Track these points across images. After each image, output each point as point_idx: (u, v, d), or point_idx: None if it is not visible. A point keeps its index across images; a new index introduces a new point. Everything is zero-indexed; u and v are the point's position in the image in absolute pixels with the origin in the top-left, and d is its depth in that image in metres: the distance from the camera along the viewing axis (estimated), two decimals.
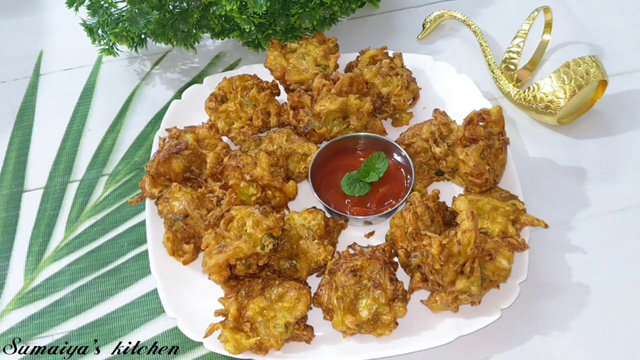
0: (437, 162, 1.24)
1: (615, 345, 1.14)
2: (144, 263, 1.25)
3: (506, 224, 1.14)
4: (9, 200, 1.34)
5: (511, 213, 1.16)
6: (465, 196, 1.17)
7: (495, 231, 1.14)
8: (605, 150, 1.35)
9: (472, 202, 1.17)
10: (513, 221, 1.16)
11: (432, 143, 1.23)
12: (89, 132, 1.43)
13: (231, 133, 1.30)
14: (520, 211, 1.17)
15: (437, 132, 1.23)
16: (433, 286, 1.10)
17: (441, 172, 1.25)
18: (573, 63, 1.30)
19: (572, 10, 1.56)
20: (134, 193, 1.33)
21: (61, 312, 1.21)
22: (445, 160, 1.22)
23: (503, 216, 1.15)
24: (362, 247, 1.15)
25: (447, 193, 1.24)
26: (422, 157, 1.25)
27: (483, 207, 1.17)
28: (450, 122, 1.24)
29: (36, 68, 1.54)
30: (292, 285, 1.11)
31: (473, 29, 1.47)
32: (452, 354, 1.13)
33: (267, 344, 1.08)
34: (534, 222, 1.16)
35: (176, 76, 1.50)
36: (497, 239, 1.12)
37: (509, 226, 1.14)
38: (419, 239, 1.11)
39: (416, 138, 1.25)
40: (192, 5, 1.38)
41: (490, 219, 1.15)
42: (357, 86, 1.28)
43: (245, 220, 1.11)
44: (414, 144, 1.25)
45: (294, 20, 1.39)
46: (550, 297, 1.18)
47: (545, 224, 1.16)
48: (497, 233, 1.13)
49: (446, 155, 1.22)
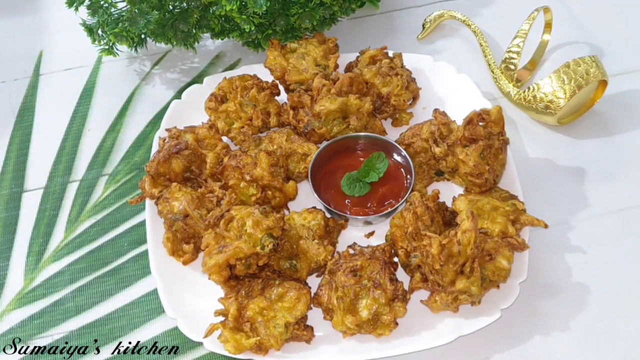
0: (437, 162, 1.24)
1: (615, 345, 1.14)
2: (144, 263, 1.25)
3: (506, 224, 1.14)
4: (9, 201, 1.34)
5: (511, 213, 1.16)
6: (465, 196, 1.17)
7: (495, 231, 1.13)
8: (605, 150, 1.35)
9: (472, 202, 1.17)
10: (513, 221, 1.15)
11: (432, 143, 1.23)
12: (89, 132, 1.43)
13: (231, 133, 1.30)
14: (520, 211, 1.17)
15: (437, 132, 1.23)
16: (433, 286, 1.10)
17: (441, 172, 1.25)
18: (573, 63, 1.30)
19: (572, 10, 1.56)
20: (134, 193, 1.33)
21: (61, 312, 1.21)
22: (445, 160, 1.22)
23: (503, 216, 1.15)
24: (362, 247, 1.15)
25: (447, 193, 1.23)
26: (422, 157, 1.25)
27: (483, 207, 1.16)
28: (450, 122, 1.24)
29: (36, 68, 1.54)
30: (292, 285, 1.10)
31: (473, 29, 1.47)
32: (452, 354, 1.13)
33: (267, 344, 1.08)
34: (534, 222, 1.16)
35: (176, 76, 1.50)
36: (497, 239, 1.12)
37: (509, 226, 1.14)
38: (419, 239, 1.11)
39: (416, 138, 1.25)
40: (192, 5, 1.38)
41: (490, 219, 1.15)
42: (357, 86, 1.28)
43: (245, 220, 1.11)
44: (414, 144, 1.25)
45: (293, 20, 1.39)
46: (550, 297, 1.18)
47: (545, 224, 1.16)
48: (497, 233, 1.13)
49: (446, 155, 1.22)
